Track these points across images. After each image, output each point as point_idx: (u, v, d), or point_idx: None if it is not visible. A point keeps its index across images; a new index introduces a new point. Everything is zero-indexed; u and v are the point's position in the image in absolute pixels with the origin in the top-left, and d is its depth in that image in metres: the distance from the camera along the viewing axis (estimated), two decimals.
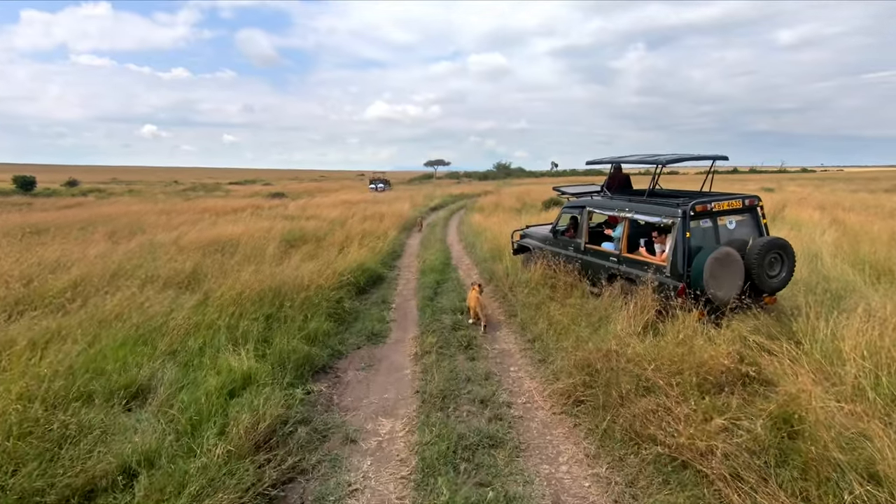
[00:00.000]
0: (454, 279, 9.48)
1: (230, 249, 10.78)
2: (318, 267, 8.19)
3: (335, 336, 6.22)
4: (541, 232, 8.56)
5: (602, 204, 6.85)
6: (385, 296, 8.37)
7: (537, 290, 7.56)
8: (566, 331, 5.79)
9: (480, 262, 10.69)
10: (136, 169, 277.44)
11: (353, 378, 5.20)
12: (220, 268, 8.25)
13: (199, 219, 16.76)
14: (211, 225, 14.88)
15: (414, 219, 20.34)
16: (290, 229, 13.58)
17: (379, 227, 14.30)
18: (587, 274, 7.05)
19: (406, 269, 10.77)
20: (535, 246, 8.53)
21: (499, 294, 8.17)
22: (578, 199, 7.59)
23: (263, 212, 20.36)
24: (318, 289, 7.13)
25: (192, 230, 13.34)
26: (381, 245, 11.72)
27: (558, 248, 7.78)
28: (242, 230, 13.08)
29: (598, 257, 6.85)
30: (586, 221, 7.11)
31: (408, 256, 12.45)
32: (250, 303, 6.22)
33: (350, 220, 16.67)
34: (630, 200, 6.38)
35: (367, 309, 7.60)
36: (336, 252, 10.37)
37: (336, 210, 19.81)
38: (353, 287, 8.23)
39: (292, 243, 12.13)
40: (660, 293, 5.61)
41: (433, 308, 7.51)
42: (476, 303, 6.92)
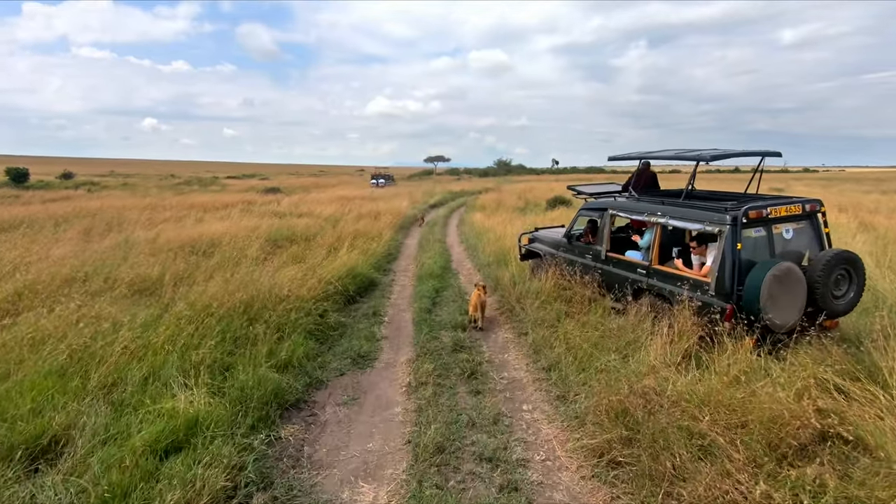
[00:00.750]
0: (455, 287, 8.55)
1: (209, 250, 9.85)
2: (300, 273, 7.26)
3: (315, 359, 5.29)
4: (552, 236, 7.63)
5: (628, 206, 5.91)
6: (377, 306, 7.43)
7: (549, 303, 6.64)
8: (589, 358, 4.86)
9: (483, 266, 9.76)
10: (135, 162, 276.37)
11: (332, 417, 4.27)
12: (191, 274, 7.32)
13: (185, 215, 15.81)
14: (195, 222, 13.95)
15: (413, 216, 19.40)
16: (279, 228, 12.64)
17: (374, 226, 13.35)
18: (609, 287, 6.13)
19: (402, 274, 9.84)
20: (545, 252, 7.59)
21: (505, 306, 7.24)
22: (598, 201, 6.64)
23: (255, 207, 19.42)
24: (299, 300, 6.19)
25: (174, 227, 12.42)
26: (375, 247, 10.78)
27: (574, 255, 6.85)
28: (226, 228, 12.15)
29: (623, 268, 5.92)
30: (608, 226, 6.17)
31: (404, 259, 11.51)
32: (216, 319, 5.29)
33: (344, 218, 15.73)
34: (663, 203, 5.45)
35: (356, 323, 6.66)
36: (325, 254, 9.44)
37: (331, 207, 18.85)
38: (340, 296, 7.30)
39: (278, 243, 11.20)
40: (701, 315, 4.68)
41: (431, 322, 6.58)
42: (477, 300, 6.60)
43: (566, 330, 5.45)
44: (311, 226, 13.32)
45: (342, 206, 19.10)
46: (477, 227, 14.72)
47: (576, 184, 7.57)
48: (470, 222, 16.54)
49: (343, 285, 7.53)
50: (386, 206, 19.19)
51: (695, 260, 5.27)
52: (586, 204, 6.81)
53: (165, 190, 34.99)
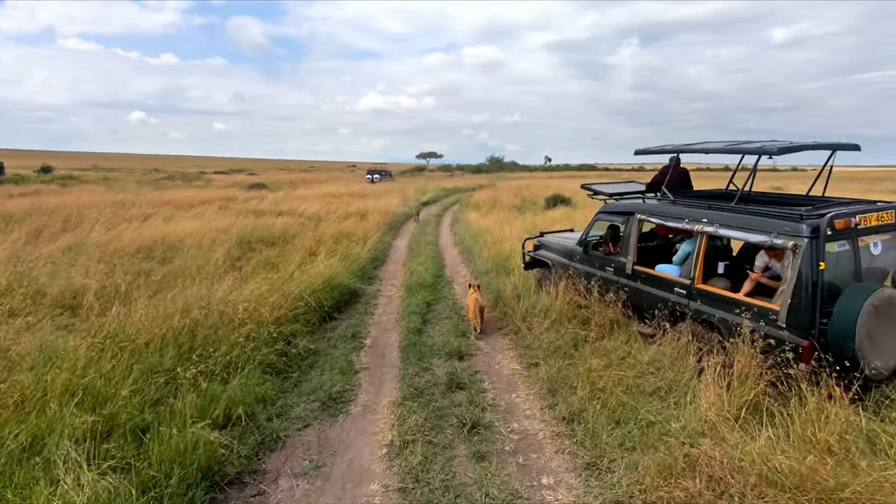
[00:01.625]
0: (448, 300, 7.45)
1: (168, 255, 8.68)
2: (266, 286, 6.12)
3: (273, 404, 4.17)
4: (562, 243, 6.55)
5: (662, 210, 4.83)
6: (357, 325, 6.31)
7: (562, 324, 5.58)
8: (623, 408, 3.80)
9: (481, 274, 8.66)
10: (122, 156, 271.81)
11: (286, 497, 3.16)
12: (137, 286, 6.15)
13: (155, 213, 14.56)
14: (164, 221, 12.73)
15: (405, 215, 18.27)
16: (254, 228, 11.47)
17: (360, 227, 12.20)
18: (636, 308, 5.07)
19: (389, 283, 8.71)
20: (555, 261, 6.51)
21: (509, 326, 6.16)
22: (622, 203, 5.56)
23: (234, 205, 18.20)
24: (259, 324, 5.05)
25: (138, 227, 11.20)
26: (359, 251, 9.64)
27: (590, 266, 5.78)
28: (196, 228, 10.98)
29: (655, 285, 4.85)
30: (635, 234, 5.10)
31: (392, 263, 10.38)
32: (144, 352, 4.15)
33: (328, 217, 14.58)
34: (710, 207, 4.38)
35: (331, 349, 5.54)
36: (301, 260, 8.30)
37: (315, 204, 17.65)
38: (314, 314, 6.17)
39: (251, 246, 10.06)
40: (768, 353, 3.64)
41: (420, 348, 5.49)
42: (475, 305, 6.09)
43: (589, 366, 4.37)
44: (290, 226, 12.16)
45: (328, 204, 17.91)
46: (472, 227, 13.63)
47: (590, 182, 6.48)
48: (464, 222, 15.44)
49: (318, 300, 6.40)
50: (374, 205, 18.03)
51: (758, 275, 4.21)
52: (606, 206, 5.74)
53: (146, 185, 33.51)
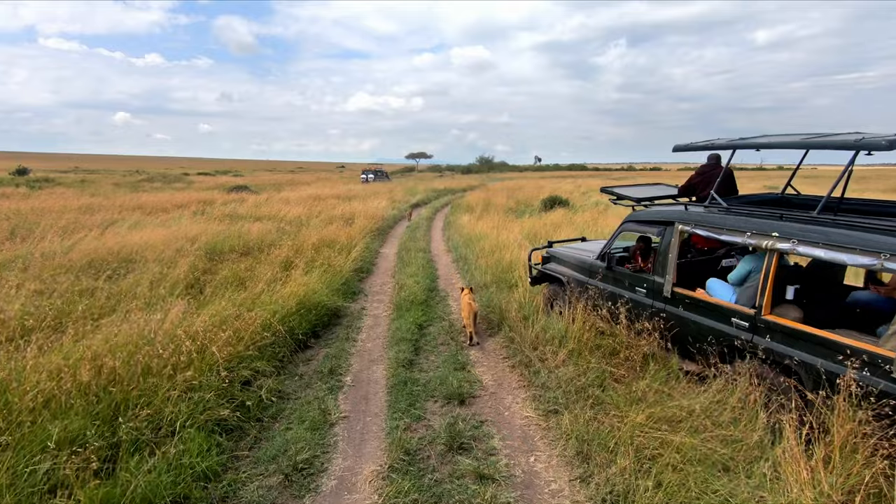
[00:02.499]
0: (444, 320, 6.46)
1: (123, 270, 7.57)
2: (230, 311, 5.09)
3: (216, 481, 3.15)
4: (578, 256, 5.59)
5: (714, 221, 3.86)
6: (337, 356, 5.28)
7: (582, 355, 4.63)
8: (684, 489, 2.84)
9: (479, 288, 7.69)
10: (105, 158, 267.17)
11: None
12: (62, 314, 5.07)
13: (122, 218, 13.35)
14: (129, 228, 11.57)
15: (394, 218, 17.27)
16: (227, 235, 10.38)
17: (344, 233, 11.14)
18: (677, 339, 4.13)
19: (375, 298, 7.69)
20: (569, 278, 5.55)
21: (515, 355, 5.19)
22: (657, 210, 4.59)
23: (213, 208, 17.04)
24: (209, 367, 4.01)
25: (98, 235, 10.04)
26: (342, 262, 8.61)
27: (616, 286, 4.82)
28: (161, 237, 9.84)
29: (703, 313, 3.91)
30: (676, 248, 4.15)
31: (380, 274, 9.37)
32: (32, 425, 3.11)
33: (311, 221, 13.51)
34: (782, 217, 3.44)
35: (302, 390, 4.52)
36: (275, 274, 7.27)
37: (299, 208, 16.56)
38: (283, 346, 5.14)
39: (221, 256, 8.97)
40: (887, 418, 2.70)
41: (412, 388, 4.50)
42: (469, 310, 5.75)
43: (630, 421, 3.41)
44: (267, 233, 11.06)
45: (312, 207, 16.84)
46: (466, 232, 12.66)
47: (610, 186, 5.51)
48: (457, 225, 14.47)
49: (289, 327, 5.37)
50: (362, 207, 16.99)
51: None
52: (634, 214, 4.78)
53: (123, 187, 32.12)
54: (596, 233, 10.63)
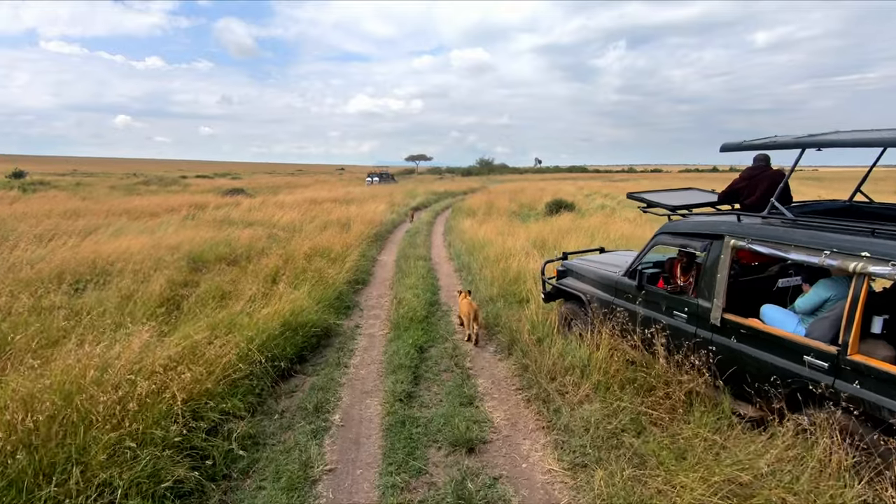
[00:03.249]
0: (447, 340, 5.78)
1: (95, 282, 6.91)
2: (201, 336, 4.40)
3: None
4: (600, 271, 4.90)
5: (778, 236, 3.17)
6: (325, 387, 4.58)
7: (611, 390, 3.96)
8: None
9: (485, 301, 7.02)
10: (105, 160, 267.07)
11: None
12: (6, 339, 4.38)
13: (106, 224, 12.68)
14: (112, 234, 10.89)
15: (392, 223, 16.59)
16: (215, 242, 9.72)
17: (340, 240, 10.45)
18: (728, 374, 3.44)
19: (371, 314, 7.01)
20: (590, 296, 4.87)
21: (530, 386, 4.49)
22: (699, 221, 3.90)
23: (205, 212, 16.35)
24: (165, 413, 3.32)
25: (77, 243, 9.36)
26: (336, 273, 7.91)
27: (650, 308, 4.13)
28: (143, 244, 9.17)
29: (765, 347, 3.22)
30: (726, 267, 3.46)
31: (377, 285, 8.68)
32: None
33: (305, 227, 12.84)
34: (876, 233, 2.76)
35: (281, 433, 3.83)
36: (260, 287, 6.60)
37: (293, 212, 15.91)
38: (263, 378, 4.45)
39: (206, 265, 8.32)
40: None
41: (411, 430, 3.82)
42: (470, 309, 5.73)
43: (684, 486, 2.72)
44: (257, 239, 10.41)
45: (307, 212, 16.19)
46: (468, 238, 11.98)
47: (639, 192, 4.82)
48: (458, 231, 13.79)
49: (271, 354, 4.69)
50: (359, 212, 16.33)
51: None
52: (671, 225, 4.10)
53: (118, 190, 31.53)
54: (607, 239, 9.95)
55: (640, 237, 10.06)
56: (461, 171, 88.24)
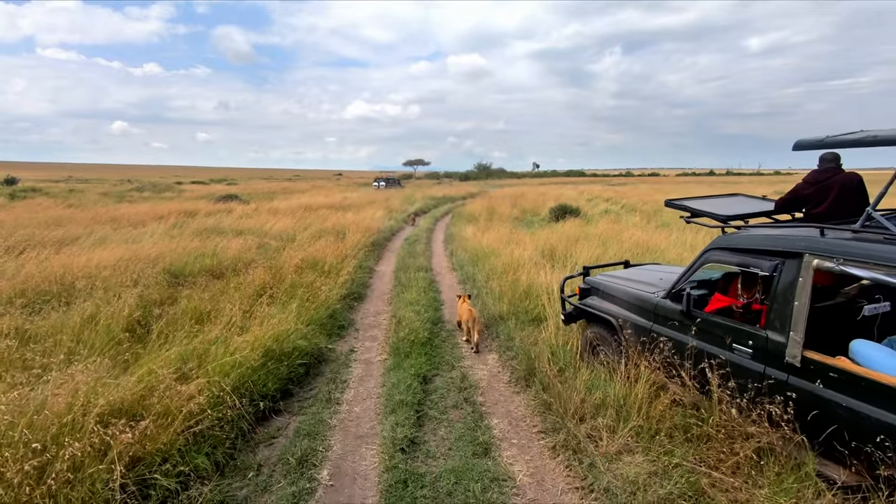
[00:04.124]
0: (455, 368, 5.08)
1: (62, 299, 6.21)
2: (163, 373, 3.70)
3: None
4: (632, 291, 4.21)
5: (887, 256, 2.50)
6: (312, 433, 3.86)
7: (657, 440, 3.27)
8: None
9: (494, 320, 6.34)
10: (102, 167, 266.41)
11: None
12: None
13: (88, 233, 11.95)
14: (91, 245, 10.18)
15: (390, 230, 15.90)
16: (200, 254, 9.02)
17: (334, 250, 9.74)
18: (812, 426, 2.75)
19: (368, 334, 6.30)
20: (622, 319, 4.17)
21: (556, 429, 3.79)
22: (763, 234, 3.20)
23: (194, 220, 15.66)
24: (100, 487, 2.62)
25: (51, 254, 8.67)
26: (328, 289, 7.20)
27: (700, 339, 3.43)
28: (120, 256, 8.46)
29: (863, 396, 2.54)
30: (807, 294, 2.79)
31: (374, 300, 7.98)
32: None
33: (300, 235, 12.15)
34: None
35: (254, 497, 3.11)
36: (242, 305, 5.90)
37: (287, 219, 15.22)
38: (238, 422, 3.74)
39: (187, 279, 7.62)
40: None
41: (416, 494, 3.10)
42: (469, 316, 5.72)
43: None
44: (247, 250, 9.70)
45: (302, 219, 15.49)
46: (471, 246, 11.29)
47: (678, 199, 4.13)
48: (460, 238, 13.10)
49: (250, 391, 3.99)
50: (356, 219, 15.63)
51: None
52: (725, 239, 3.41)
53: (110, 197, 30.79)
54: (621, 248, 9.29)
55: (657, 246, 9.41)
56: (459, 176, 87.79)
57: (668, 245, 9.62)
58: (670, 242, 9.98)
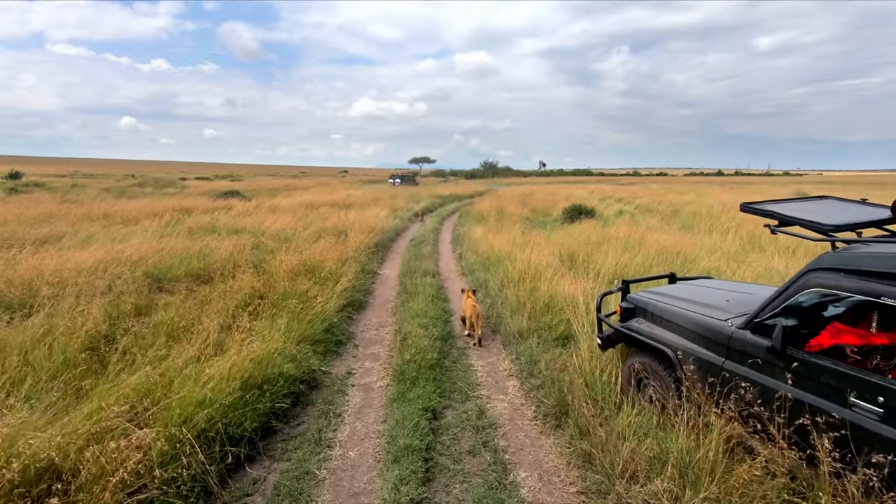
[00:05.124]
0: (468, 395, 4.30)
1: (24, 308, 5.50)
2: (117, 410, 2.95)
3: None
4: (695, 315, 3.37)
5: None
6: (294, 491, 3.08)
7: None
8: None
9: (512, 338, 5.56)
10: (109, 162, 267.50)
11: None
12: None
13: (76, 231, 11.26)
14: (76, 244, 9.49)
15: (395, 230, 15.14)
16: (188, 255, 8.28)
17: (333, 252, 8.97)
18: None
19: (369, 354, 5.52)
20: (681, 350, 3.36)
21: (600, 491, 3.00)
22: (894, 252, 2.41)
23: (190, 217, 14.95)
24: None
25: (29, 254, 7.96)
26: (324, 300, 6.41)
27: (800, 386, 2.63)
28: (101, 257, 7.73)
29: None
30: None
31: (377, 309, 7.21)
32: None
33: (299, 234, 11.39)
34: None
35: None
36: (228, 316, 5.16)
37: (287, 217, 14.48)
38: (202, 479, 2.98)
39: (169, 284, 6.92)
40: None
41: None
42: (473, 312, 5.66)
43: None
44: (240, 250, 8.96)
45: (303, 217, 14.75)
46: (482, 249, 10.50)
47: (756, 202, 3.29)
48: (470, 240, 12.31)
49: (221, 434, 3.23)
50: (359, 217, 14.87)
51: None
52: (840, 258, 2.59)
53: (110, 192, 30.21)
54: (648, 255, 8.46)
55: (687, 253, 8.59)
56: (465, 174, 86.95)
57: (699, 251, 8.79)
58: (700, 248, 9.16)
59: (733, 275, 7.16)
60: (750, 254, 9.14)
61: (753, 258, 8.65)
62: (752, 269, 7.47)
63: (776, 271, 7.29)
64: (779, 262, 7.95)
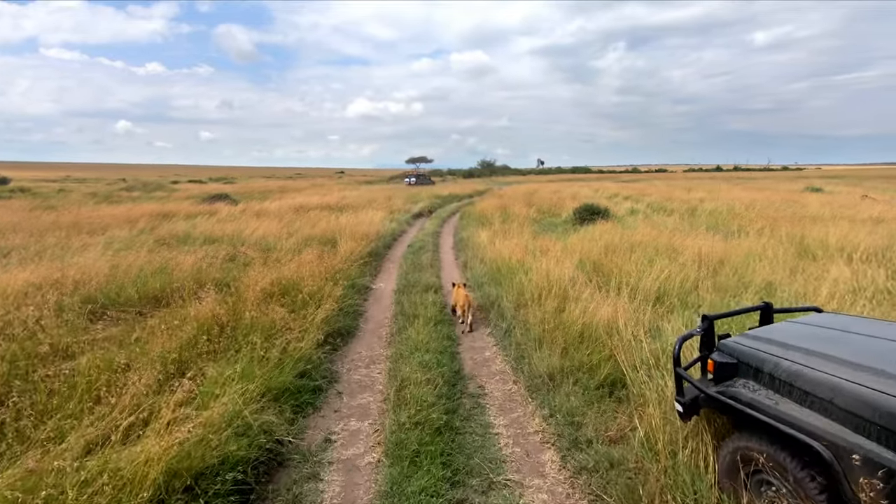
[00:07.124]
0: (491, 479, 3.05)
1: None
2: None
3: None
4: (857, 388, 2.12)
5: None
6: None
7: None
8: None
9: (539, 387, 4.30)
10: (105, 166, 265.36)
11: None
12: None
13: (29, 244, 9.96)
14: (19, 261, 8.21)
15: (392, 234, 13.88)
16: (146, 272, 7.00)
17: (319, 265, 7.68)
18: None
19: (354, 407, 4.25)
20: (842, 445, 2.09)
21: None
22: None
23: (169, 223, 13.71)
24: None
25: None
26: (300, 332, 5.12)
27: None
28: (36, 278, 6.49)
29: None
30: None
31: (367, 339, 5.93)
32: None
33: (282, 243, 10.10)
34: None
35: None
36: (164, 370, 3.89)
37: (274, 222, 13.20)
38: None
39: (117, 308, 5.66)
40: None
41: None
42: (466, 301, 6.08)
43: None
44: (208, 264, 7.68)
45: (290, 222, 13.47)
46: (489, 258, 9.21)
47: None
48: (474, 246, 11.03)
49: None
50: (352, 221, 13.58)
51: None
52: None
53: (94, 197, 28.85)
54: (686, 262, 7.20)
55: (733, 261, 7.32)
56: (462, 173, 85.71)
57: (744, 259, 7.54)
58: (743, 254, 7.90)
59: (794, 289, 5.92)
60: (800, 260, 7.88)
61: (805, 265, 7.39)
62: (814, 281, 6.22)
63: (851, 283, 6.01)
64: (845, 271, 6.68)
